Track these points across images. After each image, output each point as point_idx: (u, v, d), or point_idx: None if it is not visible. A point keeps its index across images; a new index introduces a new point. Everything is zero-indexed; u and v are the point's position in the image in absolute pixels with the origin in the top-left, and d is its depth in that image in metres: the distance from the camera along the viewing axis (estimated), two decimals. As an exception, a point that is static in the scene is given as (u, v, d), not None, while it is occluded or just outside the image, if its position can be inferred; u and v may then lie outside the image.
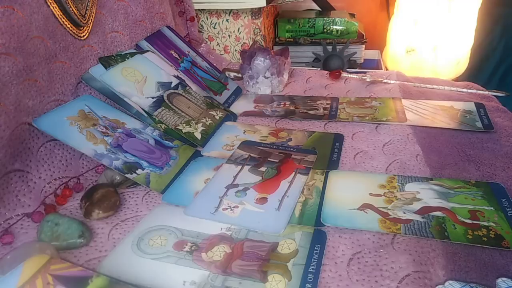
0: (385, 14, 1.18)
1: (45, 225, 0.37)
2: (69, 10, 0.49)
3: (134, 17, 0.63)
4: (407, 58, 1.00)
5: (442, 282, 0.32)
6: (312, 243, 0.37)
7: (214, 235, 0.38)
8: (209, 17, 0.87)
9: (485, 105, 0.62)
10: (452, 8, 0.91)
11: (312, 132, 0.57)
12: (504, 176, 0.45)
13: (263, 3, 0.80)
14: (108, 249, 0.37)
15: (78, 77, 0.51)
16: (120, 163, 0.45)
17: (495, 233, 0.37)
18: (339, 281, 0.33)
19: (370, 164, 0.49)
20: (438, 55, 0.96)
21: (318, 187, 0.45)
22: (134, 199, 0.44)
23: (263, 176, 0.47)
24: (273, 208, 0.41)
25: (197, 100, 0.61)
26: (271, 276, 0.33)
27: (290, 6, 1.12)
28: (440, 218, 0.39)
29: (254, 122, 0.62)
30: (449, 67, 0.98)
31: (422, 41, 0.96)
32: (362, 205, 0.41)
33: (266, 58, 0.70)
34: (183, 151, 0.52)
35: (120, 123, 0.50)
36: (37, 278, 0.29)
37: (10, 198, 0.40)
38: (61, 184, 0.44)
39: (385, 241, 0.37)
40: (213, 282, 0.33)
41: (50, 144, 0.45)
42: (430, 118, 0.59)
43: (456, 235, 0.37)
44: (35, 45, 0.44)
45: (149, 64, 0.60)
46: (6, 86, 0.39)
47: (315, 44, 0.98)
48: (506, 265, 0.34)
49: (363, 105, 0.65)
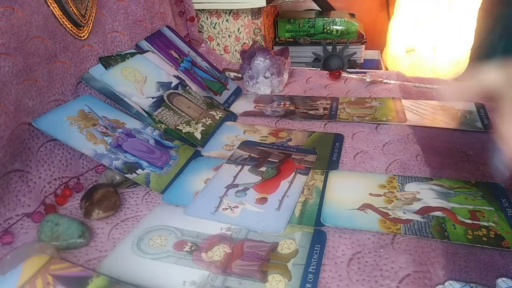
0: (385, 14, 1.18)
1: (45, 225, 0.37)
2: (69, 10, 0.49)
3: (134, 17, 0.63)
4: (407, 58, 1.00)
5: (442, 282, 0.32)
6: (312, 243, 0.37)
7: (214, 235, 0.38)
8: (209, 17, 0.87)
9: (485, 105, 0.62)
10: (452, 8, 0.91)
11: (312, 132, 0.57)
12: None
13: (263, 3, 0.80)
14: (108, 249, 0.37)
15: (78, 77, 0.51)
16: (120, 163, 0.45)
17: (495, 233, 0.37)
18: (339, 281, 0.33)
19: (370, 164, 0.49)
20: (438, 55, 0.96)
21: (318, 187, 0.45)
22: (134, 199, 0.44)
23: (263, 176, 0.47)
24: (273, 208, 0.41)
25: (197, 100, 0.61)
26: (271, 276, 0.33)
27: (290, 6, 1.12)
28: (440, 218, 0.39)
29: (254, 122, 0.62)
30: (449, 67, 0.98)
31: (422, 41, 0.96)
32: (362, 205, 0.41)
33: (266, 58, 0.70)
34: (183, 151, 0.52)
35: (120, 123, 0.50)
36: (37, 278, 0.29)
37: (10, 198, 0.40)
38: (61, 184, 0.44)
39: (385, 241, 0.37)
40: (213, 282, 0.33)
41: (50, 144, 0.45)
42: (430, 118, 0.59)
43: (456, 235, 0.37)
44: (35, 45, 0.44)
45: (149, 64, 0.60)
46: (6, 86, 0.39)
47: (315, 44, 0.97)
48: (506, 265, 0.34)
49: (363, 105, 0.65)
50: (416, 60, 0.99)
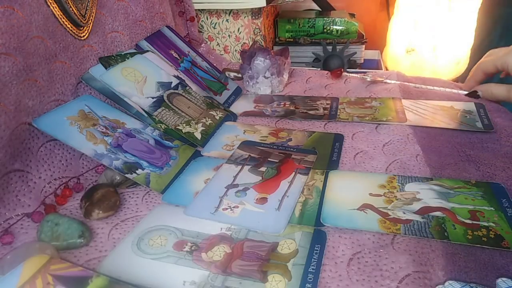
0: (385, 14, 1.18)
1: (45, 225, 0.37)
2: (69, 10, 0.49)
3: (134, 17, 0.63)
4: (407, 58, 1.00)
5: (442, 282, 0.32)
6: (312, 243, 0.37)
7: (214, 235, 0.38)
8: (209, 17, 0.87)
9: (485, 105, 0.62)
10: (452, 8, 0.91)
11: (312, 132, 0.57)
12: (504, 176, 0.45)
13: (263, 3, 0.79)
14: (108, 249, 0.37)
15: (78, 77, 0.51)
16: (120, 163, 0.45)
17: (495, 233, 0.37)
18: (339, 281, 0.33)
19: (370, 164, 0.49)
20: (438, 55, 0.96)
21: (318, 187, 0.45)
22: (134, 199, 0.44)
23: (263, 176, 0.47)
24: (273, 208, 0.41)
25: (197, 100, 0.61)
26: (271, 276, 0.33)
27: (290, 6, 1.12)
28: (440, 218, 0.39)
29: (254, 122, 0.62)
30: (449, 67, 0.98)
31: (422, 41, 0.96)
32: (362, 205, 0.41)
33: (266, 58, 0.70)
34: (183, 151, 0.52)
35: (120, 123, 0.50)
36: (37, 278, 0.29)
37: (10, 198, 0.40)
38: (61, 184, 0.44)
39: (385, 241, 0.37)
40: (213, 282, 0.33)
41: (50, 144, 0.45)
42: (430, 118, 0.59)
43: (456, 236, 0.37)
44: (35, 45, 0.44)
45: (149, 64, 0.60)
46: (6, 86, 0.39)
47: (315, 44, 0.97)
48: (506, 265, 0.34)
49: (363, 105, 0.65)
50: (416, 60, 0.99)
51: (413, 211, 0.40)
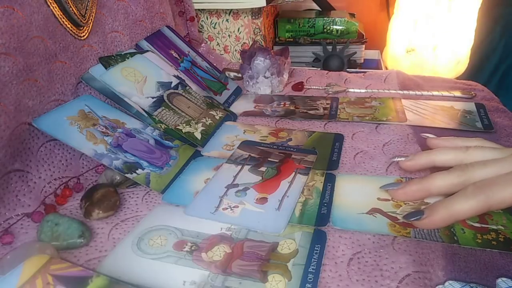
0: (385, 14, 1.18)
1: (45, 225, 0.37)
2: (69, 10, 0.49)
3: (134, 17, 0.63)
4: (407, 58, 1.00)
5: (442, 282, 0.32)
6: (312, 243, 0.37)
7: (214, 235, 0.38)
8: (209, 17, 0.87)
9: (485, 105, 0.62)
10: (452, 8, 0.91)
11: (312, 132, 0.57)
12: (504, 176, 0.45)
13: (263, 3, 0.80)
14: (108, 249, 0.37)
15: (78, 77, 0.51)
16: (120, 163, 0.45)
17: (504, 237, 0.36)
18: (339, 281, 0.33)
19: (370, 164, 0.49)
20: (438, 55, 0.96)
21: (318, 187, 0.45)
22: (134, 199, 0.44)
23: (263, 176, 0.47)
24: (273, 208, 0.41)
25: (197, 100, 0.61)
26: (271, 276, 0.33)
27: (290, 6, 1.12)
28: None
29: (254, 122, 0.62)
30: (449, 67, 0.98)
31: (422, 41, 0.96)
32: (370, 210, 0.41)
33: (266, 58, 0.70)
34: (183, 151, 0.52)
35: (120, 123, 0.50)
36: (37, 278, 0.29)
37: (10, 198, 0.40)
38: (61, 184, 0.44)
39: (385, 242, 0.37)
40: (213, 282, 0.33)
41: (50, 144, 0.45)
42: (430, 118, 0.59)
43: (466, 240, 0.36)
44: (35, 45, 0.44)
45: (149, 64, 0.60)
46: (6, 86, 0.39)
47: (315, 44, 0.98)
48: (506, 265, 0.34)
49: (363, 105, 0.65)
50: (416, 60, 0.99)
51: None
